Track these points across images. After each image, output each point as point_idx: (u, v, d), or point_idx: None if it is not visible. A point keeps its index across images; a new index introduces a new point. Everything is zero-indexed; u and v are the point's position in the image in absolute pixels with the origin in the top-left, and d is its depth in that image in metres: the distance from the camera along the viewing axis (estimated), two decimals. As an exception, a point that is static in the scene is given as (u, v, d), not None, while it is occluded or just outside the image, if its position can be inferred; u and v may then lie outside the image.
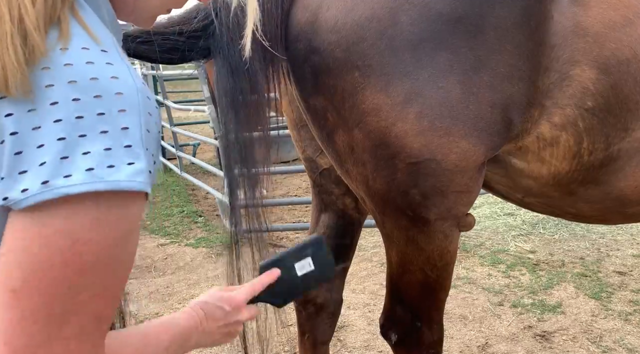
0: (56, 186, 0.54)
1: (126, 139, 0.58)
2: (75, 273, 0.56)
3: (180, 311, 0.91)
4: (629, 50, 1.25)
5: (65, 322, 0.57)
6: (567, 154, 1.32)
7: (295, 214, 5.08)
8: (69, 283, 0.56)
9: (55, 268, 0.55)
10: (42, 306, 0.55)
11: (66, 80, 0.56)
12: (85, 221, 0.56)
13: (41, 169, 0.54)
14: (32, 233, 0.55)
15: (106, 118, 0.57)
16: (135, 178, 0.58)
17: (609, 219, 1.54)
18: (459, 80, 1.19)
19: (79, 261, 0.56)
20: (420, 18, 1.18)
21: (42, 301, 0.55)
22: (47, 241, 0.55)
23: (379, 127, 1.24)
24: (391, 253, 1.46)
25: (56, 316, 0.56)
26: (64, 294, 0.56)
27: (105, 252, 0.57)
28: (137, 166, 0.58)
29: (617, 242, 4.07)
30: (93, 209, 0.56)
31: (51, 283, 0.55)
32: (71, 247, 0.55)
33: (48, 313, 0.55)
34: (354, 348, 2.81)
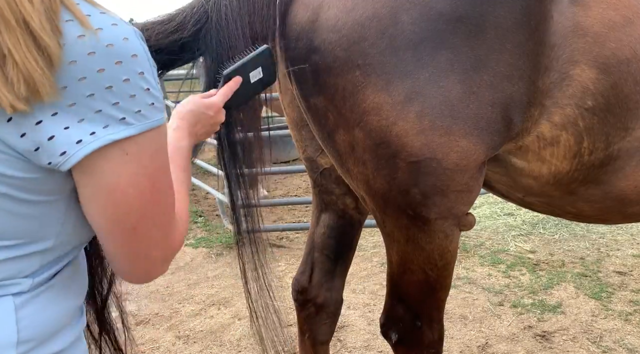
0: (105, 133, 0.65)
1: (144, 83, 0.67)
2: (161, 174, 0.73)
3: (174, 126, 1.06)
4: (629, 50, 1.25)
5: (169, 205, 0.77)
6: (567, 154, 1.33)
7: (295, 214, 5.08)
8: (161, 191, 0.74)
9: (146, 189, 0.71)
10: (153, 219, 0.74)
11: (75, 36, 0.62)
12: (154, 146, 0.70)
13: (84, 123, 0.64)
14: (117, 169, 0.67)
15: (123, 66, 0.65)
16: (158, 115, 0.70)
17: (609, 218, 1.54)
18: (460, 80, 1.20)
19: (159, 174, 0.73)
20: (421, 17, 1.18)
21: (153, 215, 0.74)
22: (131, 171, 0.69)
23: (380, 127, 1.24)
24: (392, 252, 1.46)
25: (160, 208, 0.75)
26: (164, 203, 0.75)
27: (166, 163, 0.74)
28: (158, 104, 0.69)
29: (617, 242, 4.07)
30: (155, 139, 0.70)
31: (149, 205, 0.72)
32: (149, 166, 0.70)
33: (155, 219, 0.74)
34: (354, 348, 2.81)
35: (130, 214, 0.71)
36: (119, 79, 0.64)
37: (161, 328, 3.07)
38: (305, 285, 1.93)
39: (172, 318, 3.18)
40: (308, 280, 1.92)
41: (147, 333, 3.01)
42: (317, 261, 1.91)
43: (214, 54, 1.28)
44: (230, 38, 1.25)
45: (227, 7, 1.27)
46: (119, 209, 0.70)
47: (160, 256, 0.79)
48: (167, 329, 3.04)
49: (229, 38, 1.26)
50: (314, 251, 1.92)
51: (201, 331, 3.02)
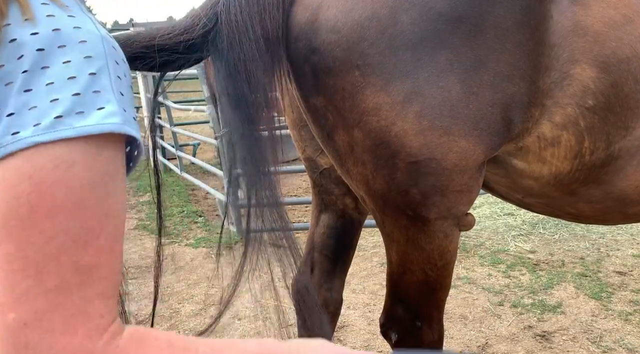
0: (23, 136, 0.54)
1: (95, 85, 0.58)
2: (44, 215, 0.54)
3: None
4: (629, 48, 1.25)
5: (44, 273, 0.54)
6: (568, 154, 1.32)
7: (295, 214, 5.08)
8: (40, 227, 0.54)
9: (22, 210, 0.53)
10: (17, 254, 0.53)
11: (29, 33, 0.57)
12: (48, 165, 0.54)
13: (11, 119, 0.55)
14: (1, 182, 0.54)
15: (71, 65, 0.57)
16: (106, 121, 0.57)
17: (609, 219, 1.54)
18: (459, 80, 1.19)
19: (45, 204, 0.54)
20: (421, 17, 1.18)
21: (15, 248, 0.53)
22: (10, 184, 0.54)
23: (379, 127, 1.24)
24: (391, 253, 1.46)
25: (32, 265, 0.53)
26: (37, 240, 0.54)
27: (77, 195, 0.55)
28: (109, 109, 0.58)
29: (617, 242, 4.07)
30: (63, 154, 0.55)
31: (21, 228, 0.53)
32: (35, 189, 0.54)
33: (24, 262, 0.53)
34: (353, 348, 2.81)
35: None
36: (63, 76, 0.57)
37: (161, 328, 3.07)
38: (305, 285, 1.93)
39: (172, 318, 3.18)
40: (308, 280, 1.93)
41: (147, 333, 3.01)
42: (317, 261, 1.91)
43: (224, 55, 1.27)
44: (240, 39, 1.25)
45: (237, 7, 1.26)
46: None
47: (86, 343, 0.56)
48: (167, 329, 3.04)
49: (239, 39, 1.25)
50: (313, 251, 1.92)
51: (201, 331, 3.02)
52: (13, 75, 0.56)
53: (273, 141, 1.35)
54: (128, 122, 0.60)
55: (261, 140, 1.31)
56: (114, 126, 0.58)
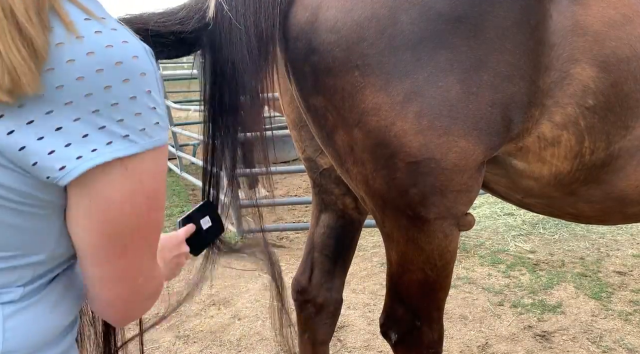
0: (104, 152, 0.63)
1: (151, 102, 0.66)
2: (154, 208, 0.72)
3: None
4: (629, 48, 1.25)
5: (153, 244, 0.77)
6: (568, 154, 1.32)
7: (295, 214, 5.08)
8: (152, 219, 0.73)
9: (142, 211, 0.70)
10: (145, 247, 0.75)
11: (84, 52, 0.61)
12: (148, 170, 0.68)
13: (85, 140, 0.63)
14: (111, 191, 0.66)
15: (131, 84, 0.63)
16: (162, 135, 0.69)
17: (609, 219, 1.54)
18: (459, 80, 1.19)
19: (154, 198, 0.71)
20: (420, 17, 1.17)
21: (144, 244, 0.74)
22: (127, 192, 0.67)
23: (379, 127, 1.23)
24: (391, 253, 1.46)
25: (149, 245, 0.76)
26: (153, 230, 0.75)
27: (161, 190, 0.73)
28: (163, 124, 0.69)
29: (617, 242, 4.07)
30: (156, 157, 0.69)
31: (145, 227, 0.72)
32: (142, 189, 0.69)
33: (146, 248, 0.76)
34: (354, 348, 2.81)
35: (124, 231, 0.70)
36: (125, 96, 0.63)
37: (161, 328, 3.07)
38: (305, 285, 1.93)
39: (172, 318, 3.18)
40: (308, 280, 1.93)
41: (147, 333, 3.01)
42: (317, 261, 1.91)
43: (214, 53, 1.27)
44: (232, 38, 1.24)
45: (233, 5, 1.25)
46: (114, 226, 0.69)
47: (144, 286, 0.78)
48: (167, 329, 3.05)
49: (230, 38, 1.25)
50: (313, 251, 1.92)
51: (201, 331, 3.02)
52: (74, 96, 0.60)
53: (262, 142, 1.36)
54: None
55: (250, 142, 1.33)
56: (166, 139, 0.70)
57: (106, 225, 0.69)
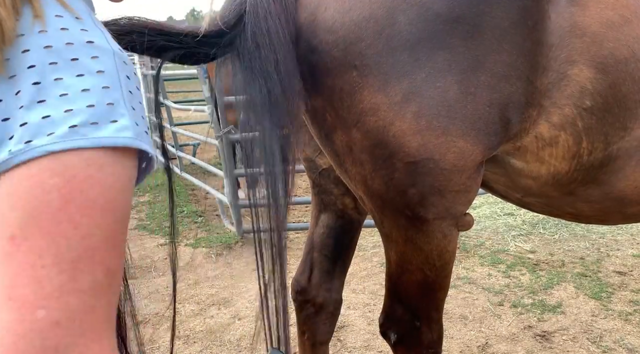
0: (38, 144, 0.53)
1: (108, 98, 0.58)
2: (79, 210, 0.53)
3: None
4: (627, 49, 1.25)
5: (78, 270, 0.52)
6: (566, 154, 1.32)
7: (295, 214, 5.08)
8: (74, 222, 0.53)
9: (54, 204, 0.52)
10: (49, 248, 0.51)
11: (42, 45, 0.57)
12: (80, 164, 0.55)
13: (25, 128, 0.54)
14: (22, 184, 0.53)
15: (85, 78, 0.57)
16: (119, 134, 0.57)
17: (608, 219, 1.54)
18: (457, 80, 1.19)
19: (79, 197, 0.54)
20: (418, 18, 1.18)
21: (47, 243, 0.51)
22: (40, 181, 0.53)
23: (377, 127, 1.24)
24: (390, 253, 1.46)
25: (66, 261, 0.52)
26: (71, 235, 0.53)
27: (109, 194, 0.56)
28: (121, 122, 0.58)
29: (617, 242, 4.07)
30: (81, 164, 0.55)
31: (53, 221, 0.52)
32: (67, 184, 0.53)
33: (56, 257, 0.51)
34: (354, 348, 2.81)
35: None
36: (77, 89, 0.58)
37: (161, 328, 3.07)
38: (304, 285, 1.93)
39: (172, 318, 3.18)
40: (307, 280, 1.92)
41: (147, 333, 3.01)
42: (316, 261, 1.91)
43: (248, 56, 1.24)
44: (272, 40, 1.23)
45: (265, 9, 1.23)
46: None
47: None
48: (167, 329, 3.05)
49: (269, 41, 1.23)
50: (313, 251, 1.92)
51: (201, 331, 3.02)
52: (23, 85, 0.56)
53: (297, 141, 1.34)
54: (140, 136, 0.60)
55: (287, 140, 1.30)
56: (127, 140, 0.58)
57: (9, 221, 0.55)
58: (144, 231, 4.80)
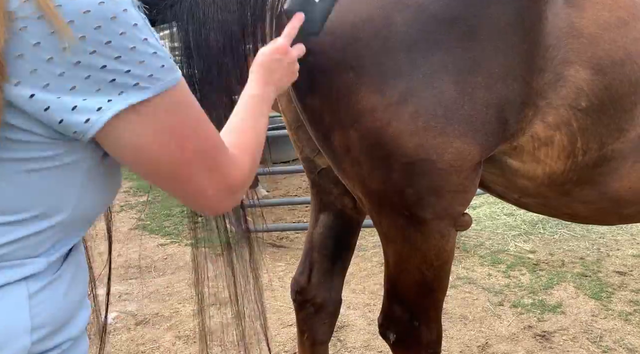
0: (130, 96, 0.69)
1: (150, 48, 0.70)
2: (180, 142, 0.76)
3: (248, 81, 1.07)
4: (623, 51, 1.25)
5: (198, 133, 0.78)
6: (561, 154, 1.33)
7: (295, 214, 5.08)
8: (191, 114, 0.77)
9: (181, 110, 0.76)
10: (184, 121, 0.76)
11: (81, 11, 0.65)
12: (165, 110, 0.73)
13: (110, 85, 0.68)
14: (160, 105, 0.72)
15: (128, 35, 0.68)
16: (171, 76, 0.73)
17: (605, 220, 1.54)
18: (454, 81, 1.20)
19: (175, 137, 0.75)
20: (414, 19, 1.18)
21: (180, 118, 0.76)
22: (169, 101, 0.73)
23: (374, 127, 1.24)
24: (388, 253, 1.46)
25: (193, 129, 0.77)
26: (192, 121, 0.77)
27: (187, 122, 0.77)
28: (167, 65, 0.72)
29: (617, 242, 4.07)
30: (167, 103, 0.73)
31: (181, 110, 0.75)
32: (178, 103, 0.75)
33: (190, 128, 0.77)
34: (354, 348, 2.81)
35: (161, 167, 0.76)
36: (125, 48, 0.68)
37: (161, 328, 3.07)
38: (304, 285, 1.93)
39: (172, 318, 3.18)
40: (307, 280, 1.93)
41: (147, 333, 3.02)
42: (316, 261, 1.91)
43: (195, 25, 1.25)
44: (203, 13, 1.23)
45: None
46: (150, 166, 0.76)
47: (218, 193, 0.83)
48: (167, 329, 3.05)
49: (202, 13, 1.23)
50: (312, 251, 1.92)
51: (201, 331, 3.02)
52: (80, 56, 0.65)
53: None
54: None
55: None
56: (178, 77, 0.74)
57: (143, 167, 0.76)
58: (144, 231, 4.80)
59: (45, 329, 0.73)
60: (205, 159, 0.80)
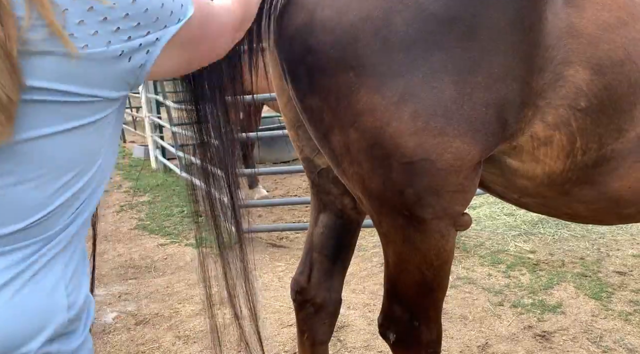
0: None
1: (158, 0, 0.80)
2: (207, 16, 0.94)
3: None
4: (623, 51, 1.25)
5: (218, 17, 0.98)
6: (560, 154, 1.33)
7: (295, 214, 5.08)
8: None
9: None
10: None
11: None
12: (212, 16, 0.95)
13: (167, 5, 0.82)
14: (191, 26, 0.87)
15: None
16: (187, 5, 0.86)
17: (605, 219, 1.54)
18: (453, 81, 1.20)
19: (205, 15, 0.92)
20: (414, 19, 1.18)
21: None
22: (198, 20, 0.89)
23: (374, 127, 1.24)
24: (388, 253, 1.46)
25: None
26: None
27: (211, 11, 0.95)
28: (177, 3, 0.83)
29: (617, 242, 4.07)
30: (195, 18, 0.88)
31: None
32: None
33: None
34: (354, 348, 2.81)
35: (196, 34, 0.91)
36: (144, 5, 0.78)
37: (161, 328, 3.07)
38: (303, 285, 1.93)
39: (172, 318, 3.18)
40: (307, 280, 1.93)
41: (147, 333, 3.02)
42: (316, 261, 1.91)
43: None
44: None
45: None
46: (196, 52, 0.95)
47: (233, 35, 1.07)
48: (167, 329, 3.05)
49: None
50: (312, 251, 1.92)
51: (201, 331, 3.02)
52: (134, 12, 0.76)
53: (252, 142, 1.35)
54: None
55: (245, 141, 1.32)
56: (189, 7, 0.87)
57: (192, 55, 0.94)
58: (144, 230, 4.80)
59: (75, 309, 0.77)
60: (220, 20, 0.99)
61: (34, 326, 0.72)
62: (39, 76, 0.68)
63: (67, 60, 0.70)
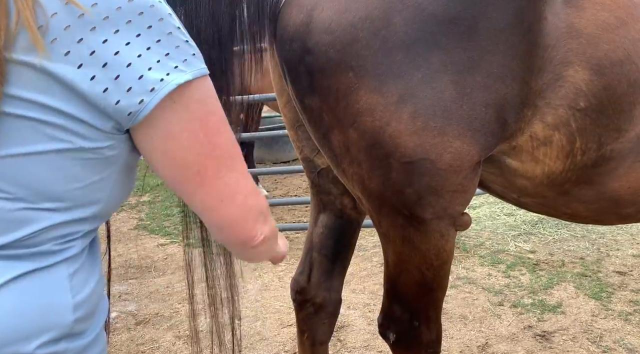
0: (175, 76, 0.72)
1: (183, 36, 0.74)
2: (208, 134, 0.77)
3: None
4: (622, 51, 1.25)
5: (227, 145, 0.80)
6: (560, 154, 1.33)
7: (295, 214, 5.08)
8: (215, 128, 0.79)
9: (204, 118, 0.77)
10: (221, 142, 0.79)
11: (115, 6, 0.69)
12: (195, 98, 0.75)
13: (160, 64, 0.72)
14: (166, 122, 0.73)
15: (159, 26, 0.72)
16: (202, 64, 0.76)
17: (604, 219, 1.54)
18: (453, 81, 1.20)
19: (204, 128, 0.77)
20: (414, 19, 1.18)
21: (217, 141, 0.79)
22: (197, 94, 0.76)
23: (374, 127, 1.24)
24: (388, 252, 1.46)
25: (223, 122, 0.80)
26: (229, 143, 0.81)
27: (215, 115, 0.79)
28: (198, 55, 0.75)
29: (617, 242, 4.07)
30: (196, 90, 0.75)
31: (204, 129, 0.77)
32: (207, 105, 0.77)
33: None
34: (354, 348, 2.81)
35: (189, 159, 0.76)
36: (164, 32, 0.72)
37: (161, 328, 3.07)
38: (303, 285, 1.93)
39: (172, 318, 3.18)
40: (306, 280, 1.93)
41: (147, 333, 3.02)
42: (316, 261, 1.91)
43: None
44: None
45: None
46: (178, 155, 0.76)
47: (247, 203, 0.82)
48: (167, 329, 3.05)
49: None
50: (312, 251, 1.92)
51: (201, 331, 3.02)
52: (129, 38, 0.70)
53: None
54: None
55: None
56: (206, 68, 0.77)
57: (171, 156, 0.76)
58: (144, 231, 4.80)
59: (82, 309, 0.77)
60: (230, 158, 0.80)
61: (33, 326, 0.71)
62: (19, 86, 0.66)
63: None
